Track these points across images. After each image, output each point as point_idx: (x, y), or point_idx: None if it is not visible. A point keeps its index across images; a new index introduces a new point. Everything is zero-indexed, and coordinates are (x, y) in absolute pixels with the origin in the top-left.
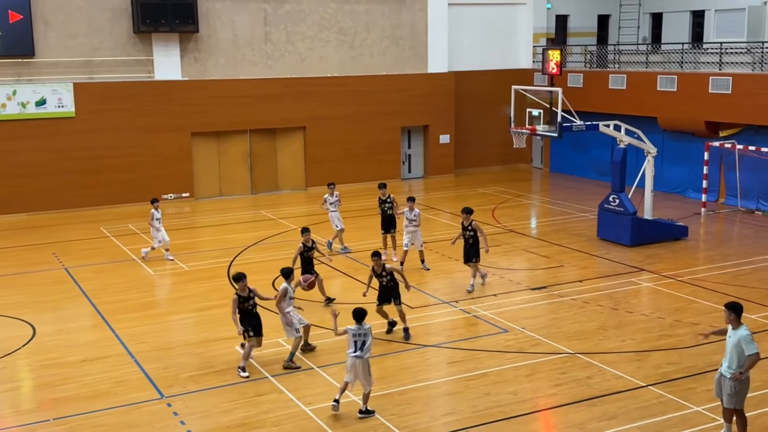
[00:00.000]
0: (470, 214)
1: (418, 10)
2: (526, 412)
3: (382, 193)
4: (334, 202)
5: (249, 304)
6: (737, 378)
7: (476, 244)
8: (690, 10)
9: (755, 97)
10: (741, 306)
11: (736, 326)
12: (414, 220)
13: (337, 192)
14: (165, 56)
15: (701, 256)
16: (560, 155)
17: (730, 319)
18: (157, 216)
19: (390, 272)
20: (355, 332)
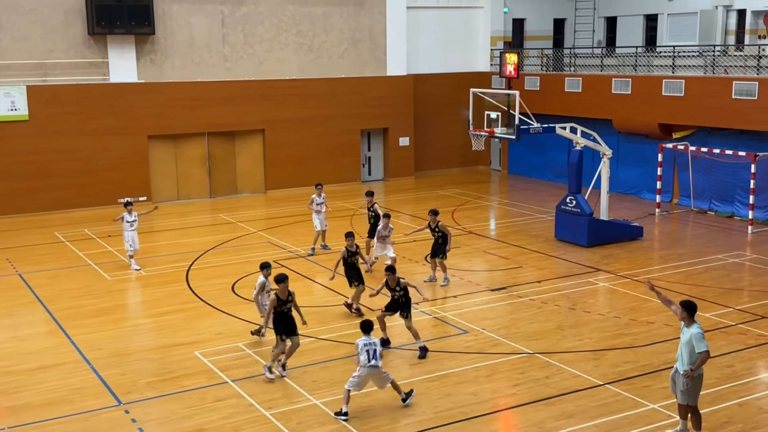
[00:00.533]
0: (437, 215)
1: (376, 13)
2: (487, 412)
3: (369, 200)
4: (321, 203)
5: (286, 307)
6: (689, 375)
7: (445, 243)
8: (643, 14)
9: (707, 99)
10: (694, 305)
11: (689, 324)
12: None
13: (324, 194)
14: (120, 58)
15: (656, 255)
16: (518, 157)
17: (683, 317)
18: (128, 219)
19: (404, 287)
20: (366, 343)
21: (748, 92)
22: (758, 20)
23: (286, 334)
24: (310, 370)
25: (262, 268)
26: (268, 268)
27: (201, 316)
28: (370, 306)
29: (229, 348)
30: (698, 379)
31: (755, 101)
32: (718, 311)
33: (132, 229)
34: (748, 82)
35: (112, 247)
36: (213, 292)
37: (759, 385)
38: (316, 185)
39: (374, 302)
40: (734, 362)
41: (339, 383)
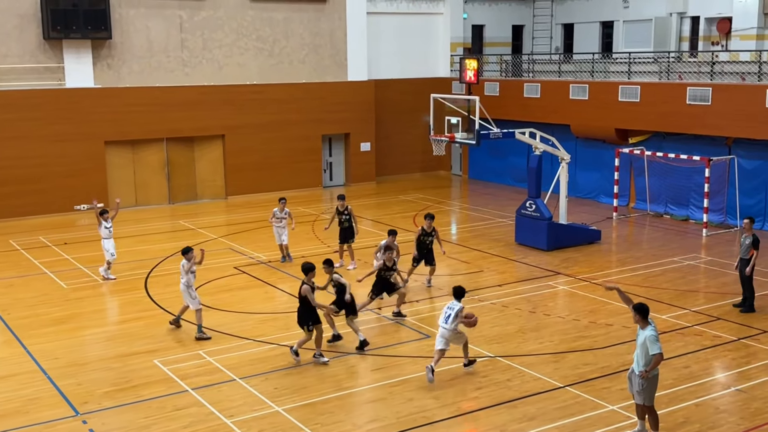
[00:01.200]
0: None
1: (337, 18)
2: (449, 416)
3: (341, 204)
4: (282, 217)
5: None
6: (644, 376)
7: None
8: (600, 21)
9: (662, 105)
10: (646, 307)
11: (644, 326)
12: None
13: (287, 209)
14: (76, 63)
15: (614, 258)
16: (478, 162)
17: (636, 320)
18: (107, 226)
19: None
20: (448, 307)
21: (702, 98)
22: (711, 27)
23: (314, 323)
24: (271, 377)
25: (184, 252)
26: (190, 252)
27: (160, 324)
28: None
29: (189, 356)
30: (653, 380)
31: (709, 106)
32: (675, 313)
33: (110, 237)
34: (701, 87)
35: (69, 254)
36: (172, 299)
37: (715, 386)
38: (279, 199)
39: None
40: (691, 363)
41: (302, 389)
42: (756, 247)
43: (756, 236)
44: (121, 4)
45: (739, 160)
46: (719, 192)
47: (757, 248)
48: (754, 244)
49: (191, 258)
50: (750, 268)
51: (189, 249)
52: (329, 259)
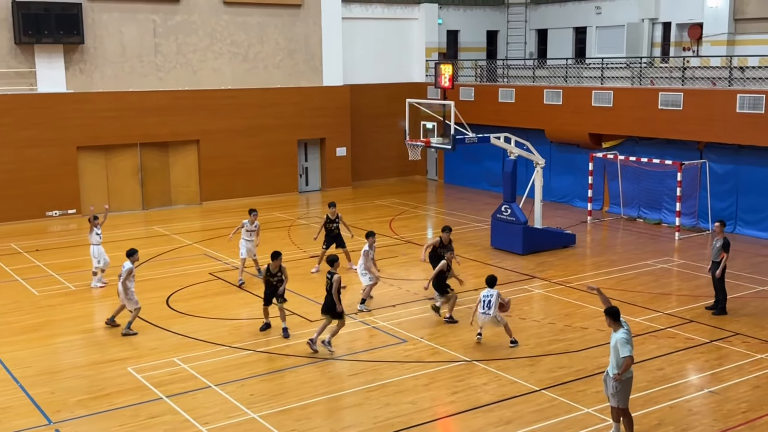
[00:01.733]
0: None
1: (312, 23)
2: (426, 420)
3: (331, 212)
4: (253, 230)
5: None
6: (617, 379)
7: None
8: (573, 26)
9: (634, 110)
10: (617, 309)
11: (616, 329)
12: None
13: (257, 222)
14: (48, 68)
15: (588, 262)
16: (454, 167)
17: (608, 323)
18: (98, 232)
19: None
20: (485, 294)
21: (674, 103)
22: (683, 33)
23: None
24: (247, 384)
25: (129, 255)
26: (135, 254)
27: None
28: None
29: (163, 363)
30: (627, 383)
31: (680, 111)
32: (648, 316)
33: (99, 243)
34: (673, 93)
35: (40, 261)
36: (147, 306)
37: (689, 388)
38: (250, 210)
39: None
40: (664, 365)
41: (278, 395)
42: (726, 250)
43: (727, 239)
44: (93, 9)
45: (711, 164)
46: (691, 196)
47: (727, 251)
48: (724, 247)
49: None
50: (720, 270)
51: (135, 251)
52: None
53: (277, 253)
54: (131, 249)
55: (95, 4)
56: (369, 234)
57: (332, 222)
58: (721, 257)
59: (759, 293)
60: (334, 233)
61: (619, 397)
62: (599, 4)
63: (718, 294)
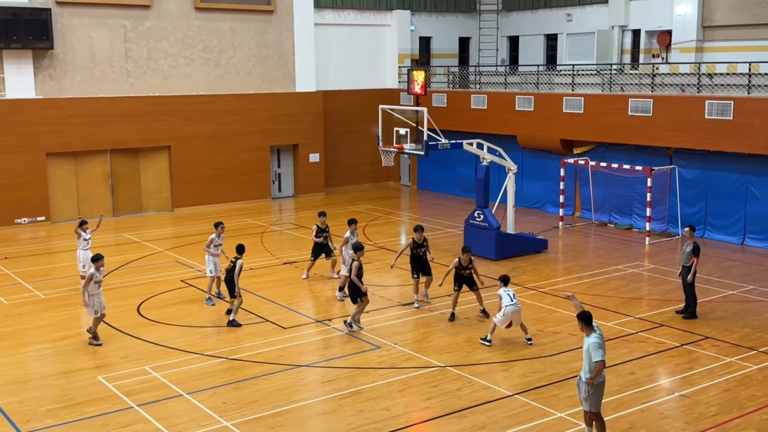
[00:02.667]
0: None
1: (284, 29)
2: (400, 427)
3: (321, 221)
4: (220, 244)
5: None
6: (589, 383)
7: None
8: (544, 33)
9: (605, 116)
10: (589, 314)
11: (588, 333)
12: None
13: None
14: (17, 73)
15: (560, 267)
16: (427, 173)
17: (581, 327)
18: (86, 237)
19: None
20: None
21: (644, 109)
22: (652, 40)
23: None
24: (219, 392)
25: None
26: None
27: (104, 340)
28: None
29: (134, 371)
30: (600, 387)
31: (650, 117)
32: (620, 320)
33: (87, 248)
34: (643, 99)
35: (9, 269)
36: (117, 314)
37: (660, 391)
38: (217, 224)
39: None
40: (636, 369)
41: (251, 403)
42: (696, 255)
43: (697, 244)
44: (63, 14)
45: (680, 169)
46: (661, 201)
47: (697, 256)
48: (694, 252)
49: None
50: (691, 275)
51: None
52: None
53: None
54: (96, 254)
55: (65, 10)
56: (351, 221)
57: (323, 231)
58: (692, 262)
59: (728, 297)
60: (324, 242)
61: (592, 401)
62: (570, 11)
63: (689, 298)
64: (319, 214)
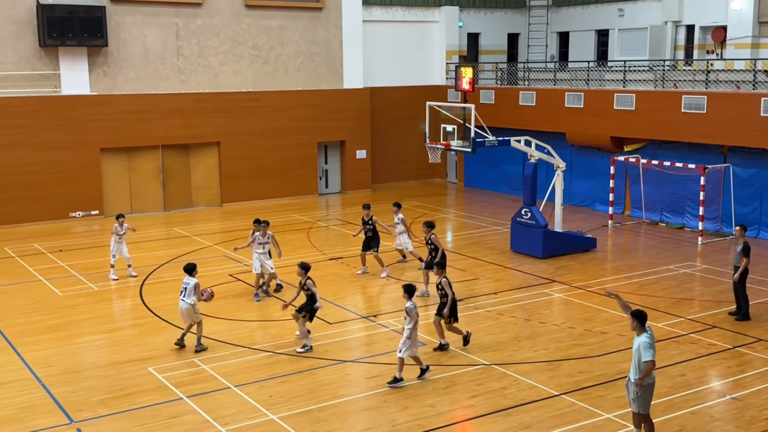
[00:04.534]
0: (431, 228)
1: (332, 26)
2: (444, 424)
3: (366, 213)
4: (264, 242)
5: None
6: (638, 384)
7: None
8: (595, 29)
9: (657, 113)
10: (643, 313)
11: (639, 333)
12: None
13: (270, 232)
14: (72, 71)
15: (609, 266)
16: (474, 170)
17: (633, 326)
18: (120, 231)
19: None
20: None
21: (697, 106)
22: (706, 35)
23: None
24: (266, 385)
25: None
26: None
27: (155, 332)
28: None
29: (184, 363)
30: (649, 388)
31: (704, 115)
32: (670, 321)
33: (120, 241)
34: (696, 96)
35: (63, 262)
36: (167, 307)
37: (710, 394)
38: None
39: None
40: (686, 371)
41: (297, 397)
42: (747, 255)
43: (747, 244)
44: (117, 12)
45: (734, 168)
46: (714, 200)
47: (747, 256)
48: (744, 252)
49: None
50: (738, 274)
51: (194, 266)
52: (304, 263)
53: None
54: (190, 264)
55: (119, 7)
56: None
57: (366, 223)
58: (742, 262)
59: None
60: (368, 235)
61: (640, 402)
62: (622, 6)
63: (740, 300)
64: (363, 206)
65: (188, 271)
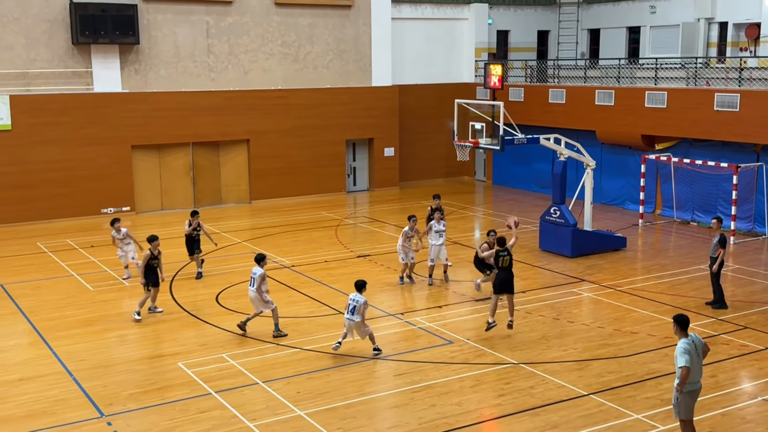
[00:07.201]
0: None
1: (361, 24)
2: (471, 423)
3: (436, 203)
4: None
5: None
6: (678, 390)
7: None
8: (626, 26)
9: (689, 111)
10: (685, 318)
11: (679, 338)
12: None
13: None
14: (104, 68)
15: (639, 266)
16: (502, 168)
17: (675, 331)
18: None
19: None
20: (351, 298)
21: (730, 104)
22: (740, 33)
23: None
24: (293, 381)
25: (259, 260)
26: (264, 259)
27: (184, 327)
28: None
29: (212, 359)
30: (688, 395)
31: (737, 113)
32: (702, 321)
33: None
34: (729, 94)
35: (95, 257)
36: (197, 302)
37: (741, 395)
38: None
39: None
40: (717, 372)
41: (323, 394)
42: (723, 246)
43: (723, 235)
44: (149, 10)
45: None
46: (747, 199)
47: (724, 247)
48: (721, 243)
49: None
50: (717, 265)
51: (263, 256)
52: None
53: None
54: (260, 254)
55: (150, 5)
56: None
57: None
58: (719, 253)
59: None
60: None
61: (679, 408)
62: (654, 3)
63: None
64: (433, 197)
65: (257, 261)
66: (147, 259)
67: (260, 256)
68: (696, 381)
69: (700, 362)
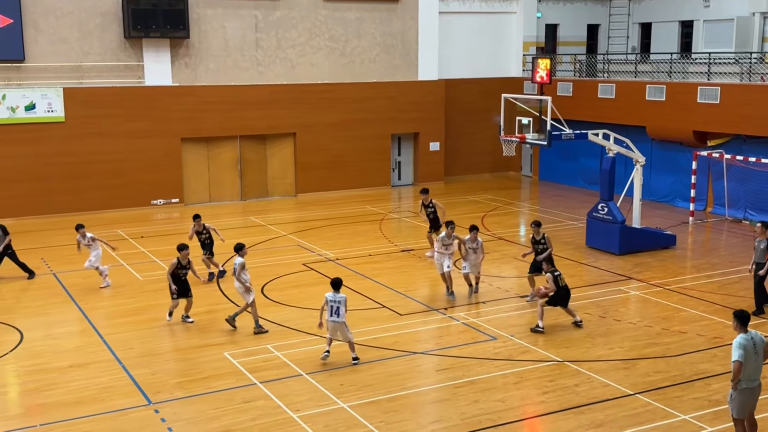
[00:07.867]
0: (540, 227)
1: (409, 18)
2: (514, 419)
3: (425, 198)
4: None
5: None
6: (732, 386)
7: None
8: (679, 20)
9: (743, 107)
10: (745, 313)
11: (738, 333)
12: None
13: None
14: (155, 62)
15: (689, 264)
16: (549, 163)
17: (734, 326)
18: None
19: None
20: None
21: None
22: None
23: None
24: (337, 374)
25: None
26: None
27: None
28: None
29: (258, 349)
30: (743, 392)
31: None
32: (754, 322)
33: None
34: None
35: (145, 248)
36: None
37: None
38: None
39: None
40: None
41: (367, 386)
42: None
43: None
44: (199, 4)
45: None
46: None
47: None
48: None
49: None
50: (765, 270)
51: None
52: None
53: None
54: (239, 243)
55: (200, 0)
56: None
57: (426, 207)
58: (767, 258)
59: None
60: (430, 217)
61: (733, 405)
62: None
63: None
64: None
65: (237, 251)
66: (173, 267)
67: (239, 246)
68: (753, 379)
69: (759, 360)
